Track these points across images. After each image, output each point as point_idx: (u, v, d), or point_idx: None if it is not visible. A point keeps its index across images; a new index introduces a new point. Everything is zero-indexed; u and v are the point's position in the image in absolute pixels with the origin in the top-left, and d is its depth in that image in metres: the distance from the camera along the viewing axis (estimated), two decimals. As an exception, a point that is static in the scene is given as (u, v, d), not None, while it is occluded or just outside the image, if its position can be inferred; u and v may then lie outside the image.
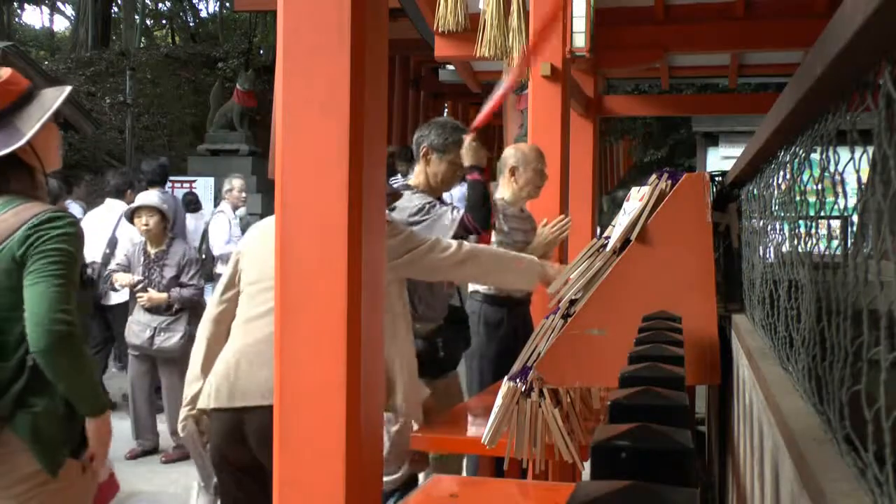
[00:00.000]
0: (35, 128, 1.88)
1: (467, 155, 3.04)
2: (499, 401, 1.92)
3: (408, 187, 3.10)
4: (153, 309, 4.74)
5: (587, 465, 1.04)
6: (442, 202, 3.13)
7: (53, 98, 1.94)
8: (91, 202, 6.78)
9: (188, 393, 2.45)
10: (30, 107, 1.91)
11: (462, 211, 2.97)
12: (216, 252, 6.63)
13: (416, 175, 3.09)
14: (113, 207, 5.88)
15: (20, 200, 1.85)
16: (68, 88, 1.98)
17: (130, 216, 4.78)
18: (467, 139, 3.05)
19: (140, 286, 4.74)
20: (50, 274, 1.79)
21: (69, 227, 1.87)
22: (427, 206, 2.95)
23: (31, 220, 1.81)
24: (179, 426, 2.49)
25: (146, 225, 4.74)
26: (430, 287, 2.98)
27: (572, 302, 2.00)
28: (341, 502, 1.61)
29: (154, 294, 4.73)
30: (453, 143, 3.05)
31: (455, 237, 2.90)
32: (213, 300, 2.51)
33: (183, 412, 2.47)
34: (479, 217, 3.00)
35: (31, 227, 1.81)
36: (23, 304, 1.79)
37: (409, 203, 2.98)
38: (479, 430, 1.97)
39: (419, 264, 2.47)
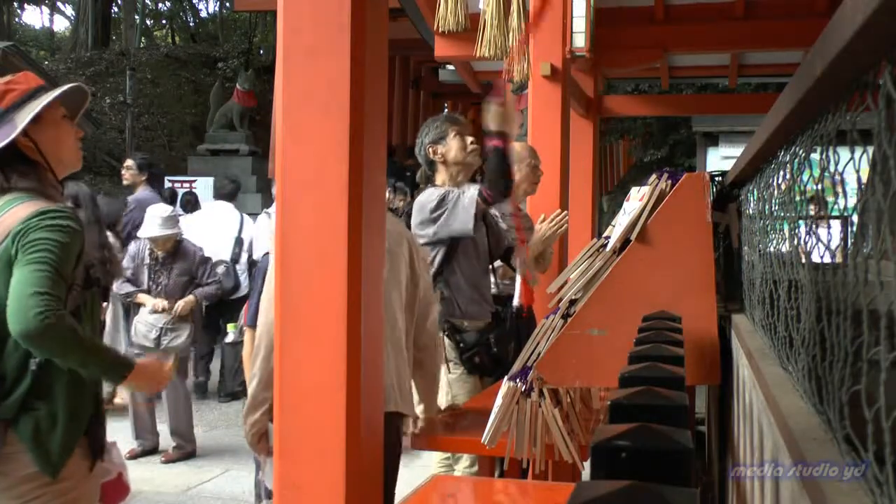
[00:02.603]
0: (26, 120, 1.86)
1: (491, 119, 2.91)
2: (499, 401, 1.92)
3: (432, 186, 3.12)
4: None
5: (587, 465, 1.04)
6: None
7: (51, 93, 1.93)
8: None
9: (264, 397, 2.22)
10: (30, 104, 1.90)
11: (477, 188, 2.94)
12: (256, 255, 6.58)
13: (438, 175, 3.14)
14: (229, 209, 6.40)
15: (25, 198, 1.84)
16: (70, 85, 1.97)
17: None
18: (494, 104, 2.98)
19: (168, 307, 4.78)
20: (33, 261, 1.74)
21: (62, 219, 1.82)
22: (444, 194, 2.96)
23: (24, 216, 1.79)
24: (251, 434, 2.28)
25: (163, 251, 4.81)
26: (470, 284, 3.01)
27: (572, 302, 2.00)
28: (341, 502, 1.61)
29: (183, 303, 4.80)
30: (444, 123, 3.11)
31: (478, 211, 2.91)
32: (270, 302, 2.24)
33: (255, 416, 2.25)
34: (497, 187, 2.92)
35: (21, 221, 1.78)
36: None
37: (426, 198, 3.00)
38: (479, 430, 1.97)
39: (420, 319, 2.52)
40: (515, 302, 3.19)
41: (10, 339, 1.77)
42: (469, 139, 3.13)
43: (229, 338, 5.91)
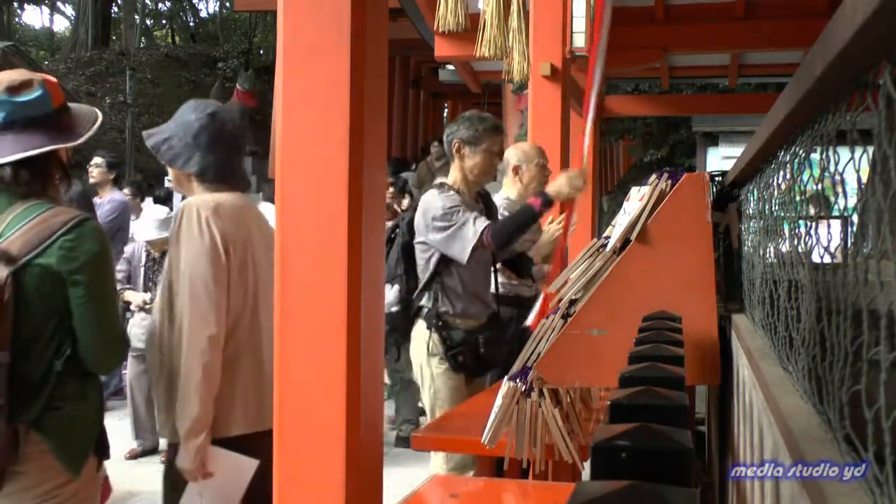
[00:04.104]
0: (92, 130, 1.93)
1: (563, 184, 2.96)
2: (499, 401, 1.92)
3: (442, 185, 3.08)
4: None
5: (587, 465, 1.04)
6: (481, 196, 3.15)
7: (89, 111, 2.00)
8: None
9: (208, 421, 2.00)
10: (74, 111, 1.96)
11: (486, 223, 2.91)
12: None
13: (452, 172, 3.12)
14: (270, 210, 6.22)
15: (47, 205, 1.86)
16: (99, 113, 2.03)
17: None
18: (573, 174, 3.00)
19: (151, 302, 4.75)
20: (96, 302, 1.85)
21: (96, 233, 1.89)
22: (453, 210, 2.92)
23: (60, 230, 1.81)
24: (195, 461, 1.99)
25: (160, 251, 4.79)
26: (466, 286, 2.99)
27: (572, 302, 2.00)
28: (341, 502, 1.61)
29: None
30: (484, 132, 3.07)
31: (476, 246, 2.89)
32: (205, 316, 2.02)
33: (199, 440, 1.98)
34: (501, 236, 2.92)
35: (61, 236, 1.81)
36: (55, 313, 1.82)
37: (434, 202, 2.96)
38: (479, 430, 1.97)
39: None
40: (530, 321, 3.15)
41: (37, 345, 1.80)
42: (496, 161, 3.12)
43: None
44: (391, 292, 3.11)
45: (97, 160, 6.18)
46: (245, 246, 2.06)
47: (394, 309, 3.09)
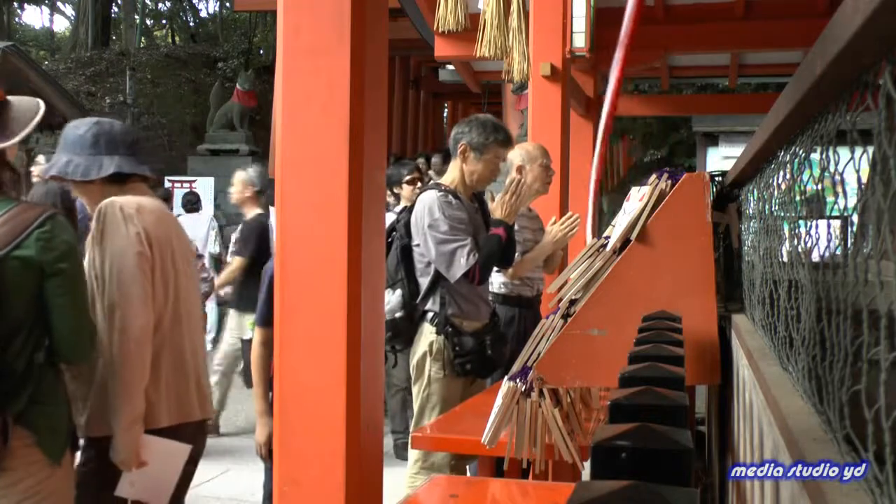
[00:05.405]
0: (29, 127, 1.91)
1: (498, 208, 3.00)
2: (499, 401, 1.92)
3: (439, 186, 3.06)
4: None
5: (587, 465, 1.04)
6: (476, 197, 3.16)
7: (30, 108, 1.97)
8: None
9: (141, 410, 2.06)
10: (15, 106, 1.94)
11: (476, 259, 2.91)
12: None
13: (450, 171, 3.11)
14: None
15: (11, 202, 1.88)
16: (42, 107, 2.00)
17: None
18: (503, 195, 3.02)
19: None
20: (73, 292, 1.88)
21: (68, 226, 1.92)
22: (453, 229, 2.91)
23: (34, 224, 1.83)
24: (133, 451, 2.03)
25: None
26: (469, 287, 2.98)
27: (572, 302, 2.00)
28: (341, 503, 1.61)
29: None
30: (495, 143, 3.06)
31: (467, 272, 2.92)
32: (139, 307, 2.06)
33: (137, 428, 2.03)
34: (484, 276, 2.98)
35: (36, 229, 1.83)
36: (33, 305, 1.84)
37: (433, 208, 2.92)
38: (479, 430, 1.97)
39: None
40: None
41: (18, 337, 1.82)
42: (496, 173, 3.13)
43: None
44: (393, 297, 3.07)
45: (40, 158, 6.00)
46: (166, 247, 2.10)
47: (397, 315, 3.04)
